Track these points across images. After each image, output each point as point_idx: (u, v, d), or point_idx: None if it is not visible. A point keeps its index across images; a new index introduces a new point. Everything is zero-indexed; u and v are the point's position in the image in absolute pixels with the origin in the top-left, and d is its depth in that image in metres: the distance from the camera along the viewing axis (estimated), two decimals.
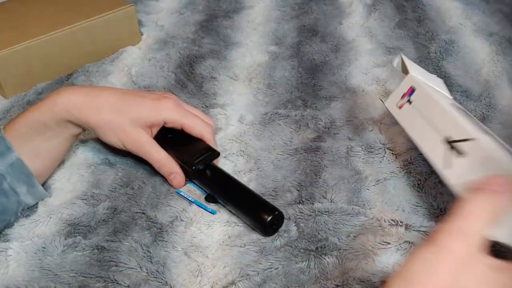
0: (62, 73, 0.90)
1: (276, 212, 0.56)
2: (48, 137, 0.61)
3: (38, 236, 0.58)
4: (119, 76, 0.89)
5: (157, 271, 0.53)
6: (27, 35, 0.85)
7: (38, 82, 0.88)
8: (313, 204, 0.61)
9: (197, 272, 0.54)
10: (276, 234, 0.57)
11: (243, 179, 0.66)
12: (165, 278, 0.53)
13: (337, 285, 0.51)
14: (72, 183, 0.66)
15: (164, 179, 0.66)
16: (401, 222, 0.58)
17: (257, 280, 0.52)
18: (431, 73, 0.86)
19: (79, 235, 0.58)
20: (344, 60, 0.91)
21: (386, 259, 0.54)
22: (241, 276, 0.53)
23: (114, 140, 0.62)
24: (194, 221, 0.60)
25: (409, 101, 0.64)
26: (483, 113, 0.76)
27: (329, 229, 0.57)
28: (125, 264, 0.54)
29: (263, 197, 0.61)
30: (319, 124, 0.75)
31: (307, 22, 1.05)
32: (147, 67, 0.91)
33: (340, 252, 0.54)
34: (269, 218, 0.56)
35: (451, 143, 0.55)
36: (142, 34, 1.01)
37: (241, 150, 0.71)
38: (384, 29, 1.01)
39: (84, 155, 0.70)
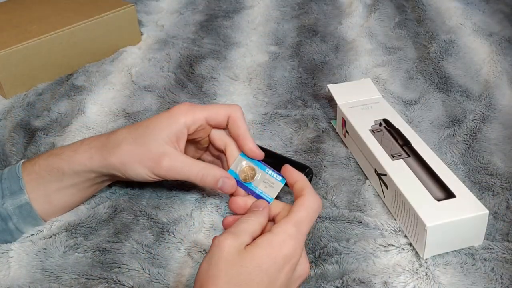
0: (62, 73, 0.90)
1: (307, 169, 0.63)
2: (65, 185, 0.57)
3: (39, 237, 0.58)
4: (119, 76, 0.89)
5: (159, 273, 0.53)
6: (27, 35, 0.85)
7: (38, 82, 0.88)
8: None
9: None
10: None
11: None
12: (168, 279, 0.53)
13: (337, 287, 0.52)
14: None
15: (167, 181, 0.66)
16: (401, 231, 0.58)
17: None
18: (431, 73, 0.86)
19: (80, 236, 0.58)
20: (344, 60, 0.92)
21: (387, 260, 0.54)
22: None
23: (142, 171, 0.54)
24: (197, 221, 0.60)
25: (347, 132, 0.70)
26: (483, 113, 0.76)
27: (331, 236, 0.57)
28: (128, 266, 0.54)
29: None
30: (319, 124, 0.76)
31: (307, 22, 1.05)
32: (147, 67, 0.91)
33: (340, 257, 0.55)
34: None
35: (379, 175, 0.61)
36: (142, 34, 1.01)
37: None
38: (384, 29, 1.01)
39: None
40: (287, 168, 0.53)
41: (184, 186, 0.65)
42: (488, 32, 0.97)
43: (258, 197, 0.54)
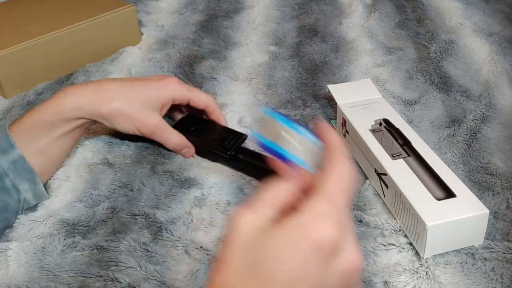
0: (62, 73, 0.90)
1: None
2: (55, 135, 0.62)
3: (37, 236, 0.58)
4: (119, 76, 0.89)
5: (156, 270, 0.53)
6: (27, 35, 0.85)
7: (38, 82, 0.88)
8: None
9: (197, 271, 0.54)
10: None
11: (243, 179, 0.66)
12: (164, 276, 0.53)
13: None
14: (71, 183, 0.66)
15: (163, 179, 0.66)
16: (401, 230, 0.58)
17: None
18: (431, 73, 0.86)
19: (78, 235, 0.58)
20: (344, 60, 0.91)
21: (387, 260, 0.54)
22: None
23: (128, 127, 0.65)
24: (195, 219, 0.60)
25: (347, 131, 0.69)
26: (483, 113, 0.76)
27: None
28: (125, 263, 0.54)
29: None
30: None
31: (307, 22, 1.05)
32: (147, 67, 0.91)
33: None
34: None
35: (379, 175, 0.61)
36: (142, 34, 1.01)
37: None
38: (384, 29, 1.01)
39: (83, 155, 0.70)
40: (325, 129, 0.39)
41: (183, 186, 0.65)
42: (488, 32, 0.97)
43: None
